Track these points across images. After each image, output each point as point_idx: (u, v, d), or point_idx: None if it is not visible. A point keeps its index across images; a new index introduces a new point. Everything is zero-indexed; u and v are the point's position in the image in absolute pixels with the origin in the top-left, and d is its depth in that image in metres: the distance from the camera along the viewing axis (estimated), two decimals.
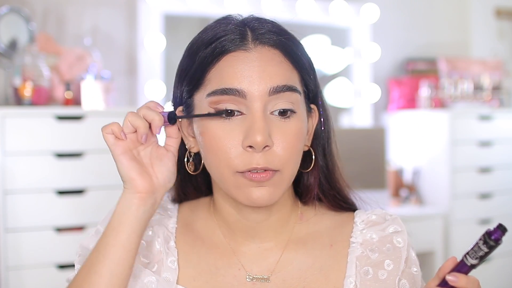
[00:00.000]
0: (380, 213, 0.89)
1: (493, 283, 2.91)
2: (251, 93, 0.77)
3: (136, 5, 2.71)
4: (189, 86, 0.82)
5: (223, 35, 0.79)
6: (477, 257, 0.71)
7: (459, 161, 2.88)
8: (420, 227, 2.79)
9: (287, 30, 0.83)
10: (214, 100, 0.78)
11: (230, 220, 0.86)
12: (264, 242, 0.86)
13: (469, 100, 3.09)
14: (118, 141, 0.77)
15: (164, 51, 2.74)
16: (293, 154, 0.79)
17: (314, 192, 0.89)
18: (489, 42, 3.53)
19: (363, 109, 3.20)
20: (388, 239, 0.85)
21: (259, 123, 0.76)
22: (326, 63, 3.14)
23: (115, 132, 0.77)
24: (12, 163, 2.06)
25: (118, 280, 0.76)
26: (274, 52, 0.79)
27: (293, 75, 0.81)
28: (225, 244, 0.87)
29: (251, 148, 0.76)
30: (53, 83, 2.32)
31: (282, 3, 2.96)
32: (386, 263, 0.83)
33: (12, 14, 2.33)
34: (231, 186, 0.79)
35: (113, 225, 0.77)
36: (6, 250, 2.04)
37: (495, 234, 0.69)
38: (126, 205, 0.77)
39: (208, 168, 0.83)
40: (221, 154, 0.78)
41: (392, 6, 3.28)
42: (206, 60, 0.79)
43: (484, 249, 0.70)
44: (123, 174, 0.77)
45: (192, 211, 0.92)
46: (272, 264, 0.85)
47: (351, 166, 2.61)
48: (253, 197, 0.78)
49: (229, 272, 0.85)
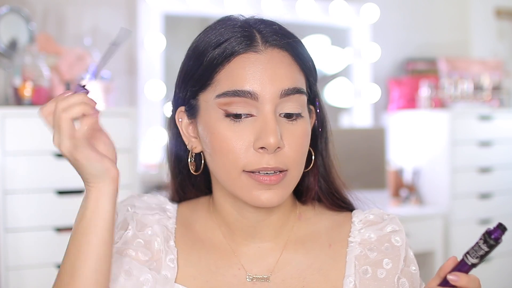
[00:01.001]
0: (378, 212, 0.90)
1: (493, 283, 2.91)
2: (263, 96, 0.77)
3: (136, 5, 2.71)
4: (195, 87, 0.82)
5: (231, 36, 0.79)
6: (477, 256, 0.71)
7: (459, 161, 2.88)
8: (420, 227, 2.79)
9: (291, 32, 0.84)
10: (224, 102, 0.78)
11: (230, 219, 0.86)
12: (264, 242, 0.87)
13: (469, 100, 3.09)
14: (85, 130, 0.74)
15: (164, 51, 2.74)
16: (301, 155, 0.81)
17: (313, 192, 0.90)
18: (489, 42, 3.53)
19: (363, 109, 3.20)
20: (386, 238, 0.86)
21: (272, 125, 0.76)
22: (326, 63, 3.14)
23: (76, 114, 0.73)
24: (12, 163, 2.06)
25: (103, 277, 0.76)
26: (283, 55, 0.80)
27: (300, 78, 0.82)
28: (225, 244, 0.87)
29: (262, 149, 0.77)
30: (53, 83, 2.32)
31: (282, 3, 2.96)
32: (385, 262, 0.83)
33: (12, 14, 2.33)
34: (237, 187, 0.79)
35: (90, 222, 0.76)
36: (6, 250, 2.04)
37: (495, 233, 0.70)
38: (104, 198, 0.76)
39: (213, 168, 0.83)
40: (230, 154, 0.78)
41: (392, 6, 3.28)
42: (215, 61, 0.79)
43: (485, 248, 0.70)
44: (98, 169, 0.75)
45: (192, 211, 0.92)
46: (271, 264, 0.86)
47: (351, 166, 2.61)
48: (262, 200, 0.78)
49: (229, 272, 0.85)
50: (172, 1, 2.77)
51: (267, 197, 0.78)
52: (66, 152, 0.74)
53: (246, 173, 0.78)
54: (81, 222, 0.77)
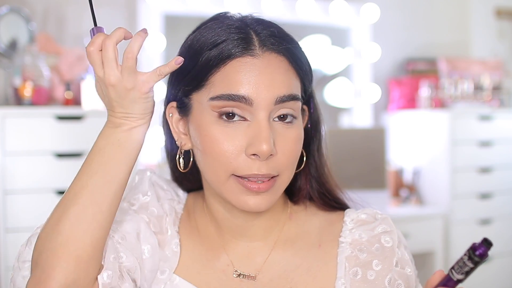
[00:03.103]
0: (370, 212, 0.89)
1: (493, 283, 2.91)
2: (258, 101, 0.76)
3: (136, 5, 2.71)
4: (188, 86, 0.81)
5: (227, 37, 0.78)
6: (462, 272, 0.70)
7: (459, 161, 2.88)
8: (420, 227, 2.79)
9: (289, 34, 0.82)
10: (218, 105, 0.77)
11: (219, 217, 0.86)
12: (253, 241, 0.87)
13: (469, 100, 3.09)
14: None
15: (164, 51, 2.74)
16: (293, 160, 0.80)
17: (305, 192, 0.90)
18: (489, 42, 3.53)
19: (363, 109, 3.20)
20: (377, 238, 0.85)
21: (265, 132, 0.75)
22: (326, 63, 3.14)
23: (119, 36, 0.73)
24: (12, 163, 2.06)
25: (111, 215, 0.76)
26: (280, 59, 0.79)
27: (296, 83, 0.81)
28: (216, 239, 0.88)
29: (254, 156, 0.76)
30: (53, 83, 2.32)
31: (282, 3, 2.96)
32: (374, 263, 0.83)
33: (12, 14, 2.33)
34: (225, 190, 0.79)
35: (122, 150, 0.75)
36: (6, 250, 2.04)
37: (480, 250, 0.68)
38: (140, 130, 0.76)
39: (202, 168, 0.82)
40: (221, 157, 0.77)
41: (392, 6, 3.28)
42: (211, 62, 0.78)
43: (469, 265, 0.69)
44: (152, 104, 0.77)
45: (194, 200, 0.93)
46: (259, 263, 0.86)
47: (351, 166, 2.61)
48: (250, 205, 0.78)
49: (218, 266, 0.86)
50: (172, 1, 2.77)
51: (255, 202, 0.78)
52: (115, 80, 0.72)
53: (235, 177, 0.77)
54: (105, 149, 0.75)
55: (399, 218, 2.72)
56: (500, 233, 2.95)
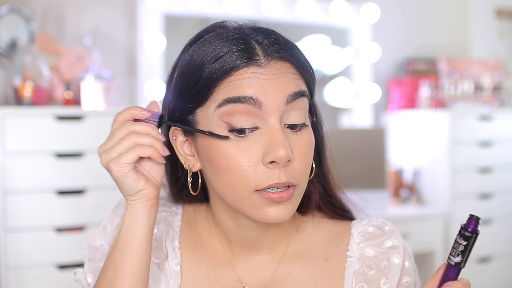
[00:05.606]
0: (378, 223, 0.87)
1: (493, 283, 2.91)
2: (268, 104, 0.73)
3: (136, 5, 2.71)
4: (193, 103, 0.77)
5: (228, 49, 0.74)
6: (458, 253, 0.70)
7: (459, 161, 2.88)
8: (420, 227, 2.79)
9: (289, 40, 0.81)
10: (226, 111, 0.73)
11: (229, 232, 0.85)
12: (261, 254, 0.86)
13: (469, 100, 3.09)
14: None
15: (164, 51, 2.74)
16: (308, 167, 0.78)
17: (314, 202, 0.88)
18: (489, 42, 3.53)
19: (363, 109, 3.20)
20: (386, 256, 0.84)
21: (280, 137, 0.73)
22: (326, 63, 3.14)
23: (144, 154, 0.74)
24: (12, 163, 2.06)
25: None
26: (286, 66, 0.76)
27: (303, 84, 0.79)
28: (223, 253, 0.86)
29: (273, 164, 0.73)
30: (53, 83, 2.32)
31: (282, 3, 2.95)
32: (382, 282, 0.82)
33: (12, 14, 2.33)
34: (246, 206, 0.76)
35: (126, 239, 0.75)
36: (6, 250, 2.04)
37: (470, 226, 0.69)
38: (137, 217, 0.75)
39: (217, 187, 0.78)
40: (238, 173, 0.74)
41: (392, 6, 3.28)
42: (215, 75, 0.74)
43: (462, 243, 0.70)
44: (131, 188, 0.74)
45: (194, 212, 0.91)
46: (267, 277, 0.85)
47: (351, 166, 2.61)
48: (272, 216, 0.75)
49: (226, 282, 0.84)
50: (172, 1, 2.77)
51: (277, 213, 0.75)
52: (104, 162, 0.73)
53: (257, 192, 0.74)
54: (118, 238, 0.76)
55: (399, 218, 2.72)
56: (500, 233, 2.95)
